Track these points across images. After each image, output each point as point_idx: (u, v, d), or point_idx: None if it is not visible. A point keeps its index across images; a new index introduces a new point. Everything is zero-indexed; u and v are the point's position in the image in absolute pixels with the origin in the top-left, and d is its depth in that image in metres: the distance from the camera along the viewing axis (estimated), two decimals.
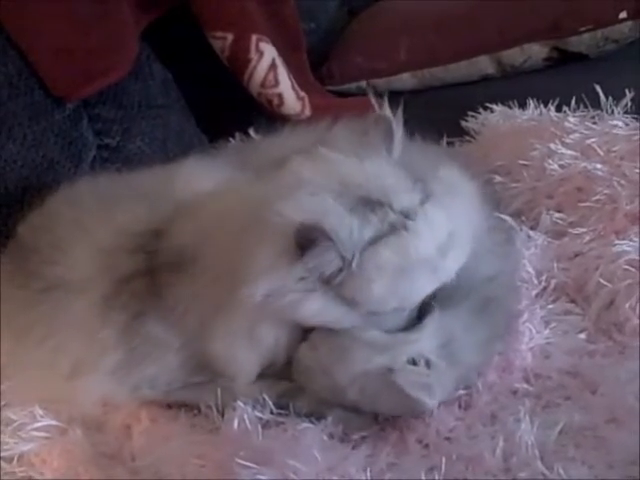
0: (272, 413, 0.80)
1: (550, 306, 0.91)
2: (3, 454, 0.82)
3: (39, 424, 0.84)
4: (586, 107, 1.21)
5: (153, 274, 0.84)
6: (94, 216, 0.91)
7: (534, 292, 0.94)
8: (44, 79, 1.17)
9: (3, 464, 0.81)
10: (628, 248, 0.92)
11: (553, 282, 0.94)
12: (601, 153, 1.08)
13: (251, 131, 1.30)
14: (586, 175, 1.05)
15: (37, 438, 0.83)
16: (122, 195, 0.95)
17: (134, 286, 0.84)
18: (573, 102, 1.22)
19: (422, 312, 0.79)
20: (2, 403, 0.87)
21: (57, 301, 0.87)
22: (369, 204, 0.74)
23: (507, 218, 1.01)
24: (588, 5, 1.48)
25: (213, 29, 1.38)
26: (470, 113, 1.35)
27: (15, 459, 0.81)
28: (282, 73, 1.39)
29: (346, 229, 0.72)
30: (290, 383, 0.83)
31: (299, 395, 0.82)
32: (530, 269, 0.95)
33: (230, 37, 1.37)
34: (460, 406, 0.79)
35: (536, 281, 0.95)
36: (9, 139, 1.12)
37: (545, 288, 0.94)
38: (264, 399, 0.81)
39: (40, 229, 0.94)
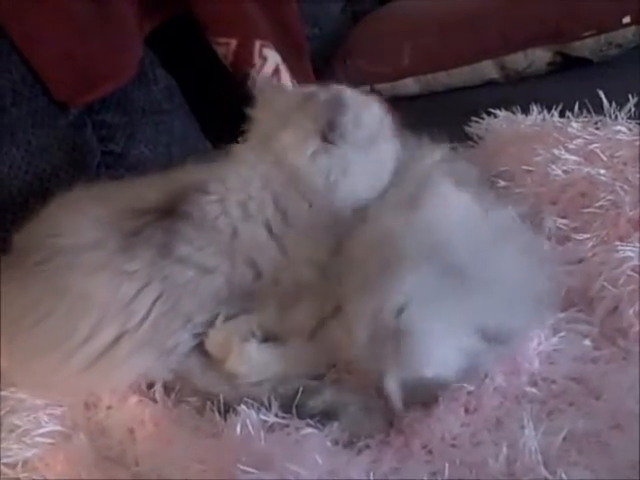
0: (277, 416, 0.80)
1: (561, 315, 0.89)
2: (7, 460, 0.82)
3: (43, 430, 0.85)
4: (589, 112, 1.21)
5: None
6: (90, 204, 0.91)
7: None
8: (47, 84, 1.17)
9: (7, 470, 0.81)
10: (631, 254, 0.92)
11: (563, 290, 0.92)
12: (604, 159, 1.08)
13: None
14: (589, 181, 1.05)
15: (41, 444, 0.83)
16: (115, 193, 0.95)
17: (151, 229, 0.87)
18: (576, 107, 1.22)
19: None
20: (6, 409, 0.87)
21: (59, 268, 0.86)
22: None
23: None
24: (591, 10, 1.49)
25: (216, 35, 1.38)
26: (473, 118, 1.35)
27: (19, 464, 0.82)
28: (285, 78, 1.39)
29: None
30: (308, 381, 0.84)
31: (315, 394, 0.83)
32: None
33: (234, 43, 1.37)
34: (467, 410, 0.79)
35: None
36: (13, 145, 1.12)
37: None
38: (269, 401, 0.81)
39: (34, 230, 0.93)
